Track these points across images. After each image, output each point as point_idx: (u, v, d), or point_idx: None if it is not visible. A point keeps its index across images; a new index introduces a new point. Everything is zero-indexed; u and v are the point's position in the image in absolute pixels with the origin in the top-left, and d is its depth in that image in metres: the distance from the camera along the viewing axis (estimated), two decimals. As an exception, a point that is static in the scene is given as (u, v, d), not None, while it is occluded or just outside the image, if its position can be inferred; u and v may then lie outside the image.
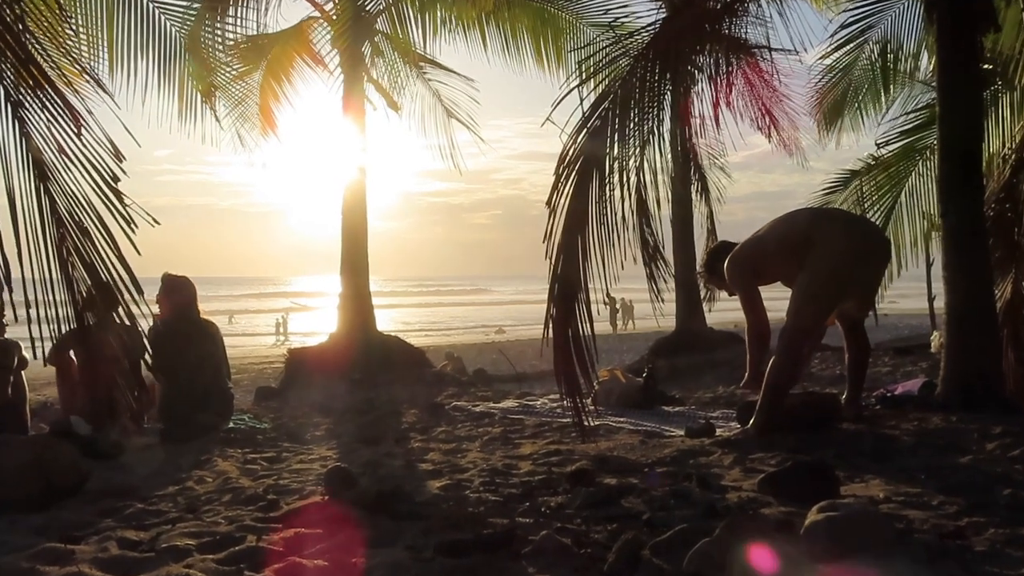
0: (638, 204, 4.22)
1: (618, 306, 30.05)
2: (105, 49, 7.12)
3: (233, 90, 9.59)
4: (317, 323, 35.99)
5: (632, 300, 29.44)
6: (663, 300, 4.32)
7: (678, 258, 12.12)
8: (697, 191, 12.25)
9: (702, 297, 11.89)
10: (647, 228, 4.29)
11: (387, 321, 38.95)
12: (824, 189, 8.57)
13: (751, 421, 4.14)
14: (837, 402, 4.42)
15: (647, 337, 20.35)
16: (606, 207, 4.07)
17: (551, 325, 3.86)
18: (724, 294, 4.83)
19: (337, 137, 10.48)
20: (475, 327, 38.09)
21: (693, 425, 4.57)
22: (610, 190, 4.12)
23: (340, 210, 10.12)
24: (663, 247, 4.34)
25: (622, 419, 5.26)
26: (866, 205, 7.72)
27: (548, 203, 4.02)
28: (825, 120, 9.83)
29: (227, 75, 9.10)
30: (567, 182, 4.07)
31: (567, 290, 3.89)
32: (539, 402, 6.27)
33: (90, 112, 3.06)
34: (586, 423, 3.98)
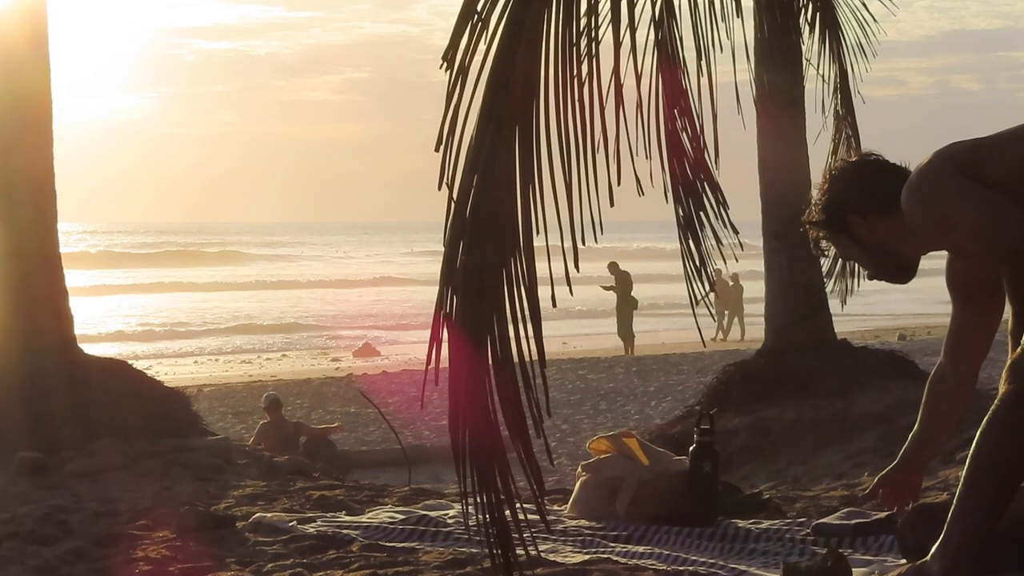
0: (660, 61, 4.29)
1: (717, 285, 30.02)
2: None
3: None
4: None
5: (738, 274, 29.65)
6: (708, 277, 4.34)
7: (769, 186, 12.22)
8: (813, 33, 12.35)
9: (825, 273, 12.02)
10: (680, 116, 4.37)
11: (101, 323, 38.42)
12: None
13: (933, 550, 4.20)
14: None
15: (702, 361, 20.60)
16: (580, 66, 4.19)
17: (445, 334, 4.02)
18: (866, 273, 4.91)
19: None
20: (307, 340, 37.98)
21: (800, 562, 4.62)
22: (591, 29, 4.23)
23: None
24: (713, 160, 4.39)
25: (641, 548, 5.36)
26: None
27: (446, 58, 4.17)
28: None
29: None
30: (492, 13, 4.20)
31: (483, 255, 4.04)
32: (452, 512, 6.30)
33: None
34: (532, 554, 4.12)
